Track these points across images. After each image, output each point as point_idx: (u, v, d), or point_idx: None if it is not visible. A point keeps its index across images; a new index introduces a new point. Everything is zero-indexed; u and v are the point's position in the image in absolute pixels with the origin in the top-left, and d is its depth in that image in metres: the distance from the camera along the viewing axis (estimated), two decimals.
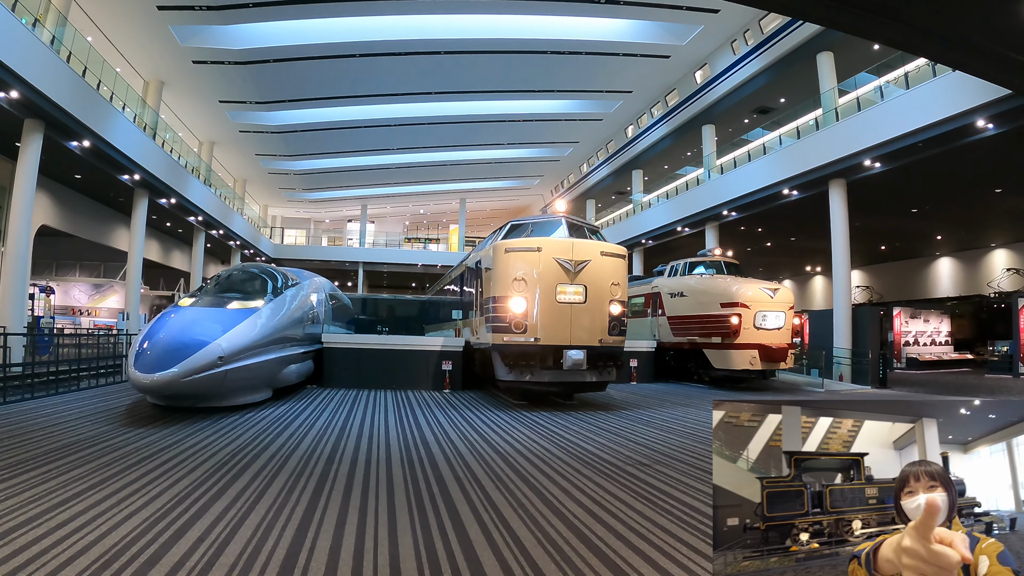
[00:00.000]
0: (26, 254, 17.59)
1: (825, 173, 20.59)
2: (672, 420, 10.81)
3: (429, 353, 15.84)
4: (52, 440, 7.31)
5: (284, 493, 5.37)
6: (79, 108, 17.88)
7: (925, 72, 17.18)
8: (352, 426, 9.25)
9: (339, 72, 27.46)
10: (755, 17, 23.18)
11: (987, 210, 25.02)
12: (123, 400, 11.20)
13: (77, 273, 35.77)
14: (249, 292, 11.96)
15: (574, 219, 14.02)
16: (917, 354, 30.58)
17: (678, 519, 4.94)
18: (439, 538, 4.39)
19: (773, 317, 16.76)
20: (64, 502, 4.86)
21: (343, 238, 57.76)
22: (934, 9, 9.43)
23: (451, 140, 38.02)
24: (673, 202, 31.83)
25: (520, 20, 24.36)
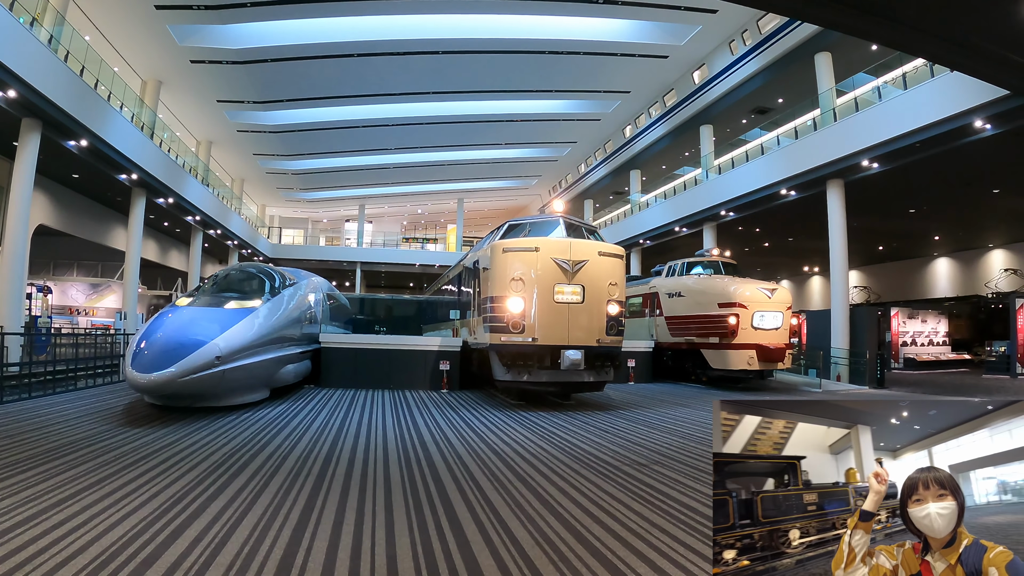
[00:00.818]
0: (23, 253, 17.57)
1: (823, 173, 20.61)
2: (670, 420, 10.81)
3: (427, 353, 15.83)
4: (49, 440, 7.29)
5: (281, 493, 5.37)
6: (77, 107, 17.85)
7: (923, 73, 17.21)
8: (349, 426, 9.25)
9: (337, 72, 27.45)
10: (753, 17, 23.20)
11: (985, 210, 25.07)
12: (120, 400, 11.18)
13: (74, 273, 35.73)
14: (247, 292, 11.95)
15: (572, 219, 14.02)
16: (915, 354, 30.63)
17: (676, 519, 4.94)
18: (436, 538, 4.39)
19: (771, 317, 16.77)
20: (61, 502, 4.85)
21: (341, 238, 57.69)
22: (931, 9, 9.46)
23: (449, 140, 38.01)
24: (671, 202, 31.84)
25: (518, 20, 24.36)
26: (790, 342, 17.59)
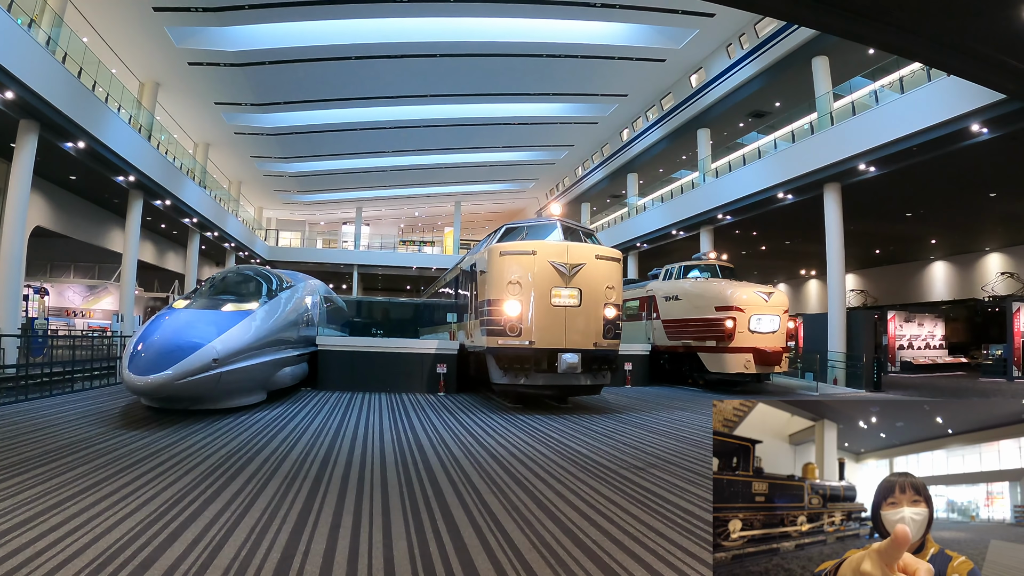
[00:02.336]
0: (20, 255, 17.52)
1: (820, 177, 20.64)
2: (667, 424, 10.82)
3: (424, 356, 15.82)
4: (46, 442, 7.28)
5: (279, 496, 5.37)
6: (74, 109, 17.82)
7: (920, 76, 17.25)
8: (347, 429, 9.24)
9: (335, 74, 27.45)
10: (750, 21, 23.27)
11: (981, 214, 25.13)
12: (117, 402, 11.16)
13: (71, 274, 35.65)
14: (244, 294, 11.95)
15: (569, 222, 14.02)
16: (911, 358, 30.64)
17: (673, 523, 4.95)
18: (434, 541, 4.39)
19: (768, 321, 16.80)
20: (58, 504, 4.85)
21: (338, 240, 57.67)
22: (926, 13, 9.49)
23: (447, 143, 38.01)
24: (668, 205, 31.87)
25: (516, 23, 24.39)
26: (787, 345, 17.61)
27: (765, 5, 11.36)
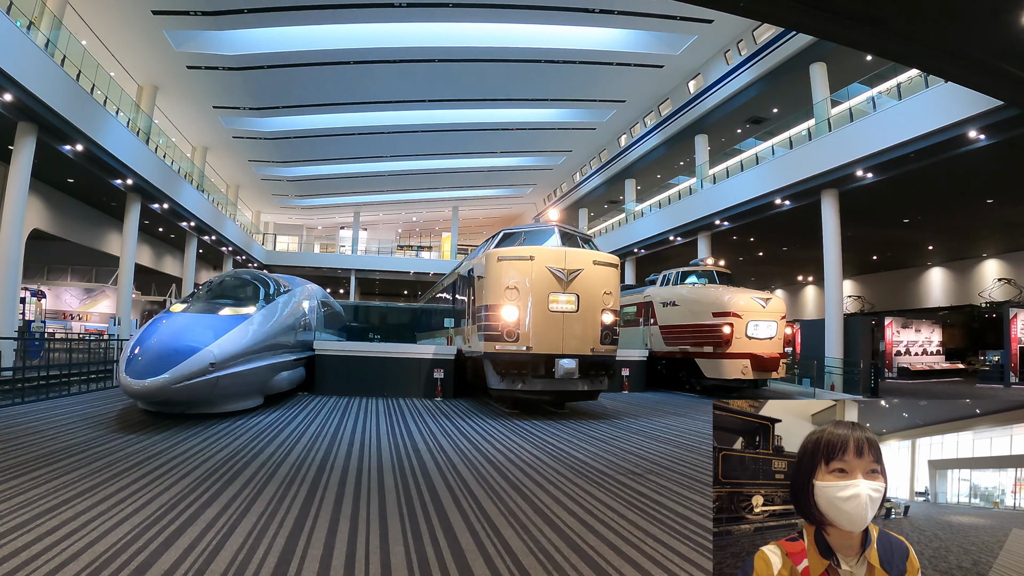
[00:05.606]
0: (18, 258, 17.49)
1: (817, 183, 20.67)
2: (664, 430, 10.82)
3: (421, 361, 15.81)
4: (42, 445, 7.26)
5: (275, 500, 5.35)
6: (73, 112, 17.81)
7: (918, 83, 17.29)
8: (343, 434, 9.23)
9: (333, 79, 27.47)
10: (748, 28, 23.33)
11: (979, 220, 25.17)
12: (114, 405, 11.14)
13: (68, 277, 35.60)
14: (241, 298, 11.93)
15: (567, 228, 14.03)
16: (908, 364, 30.66)
17: (669, 528, 4.94)
18: (431, 546, 4.38)
19: (765, 326, 16.81)
20: (53, 508, 4.83)
21: (335, 245, 57.62)
22: (923, 20, 9.51)
23: (444, 148, 38.01)
24: (666, 211, 31.90)
25: (514, 29, 24.42)
26: (784, 351, 17.63)
27: (768, 13, 11.39)
